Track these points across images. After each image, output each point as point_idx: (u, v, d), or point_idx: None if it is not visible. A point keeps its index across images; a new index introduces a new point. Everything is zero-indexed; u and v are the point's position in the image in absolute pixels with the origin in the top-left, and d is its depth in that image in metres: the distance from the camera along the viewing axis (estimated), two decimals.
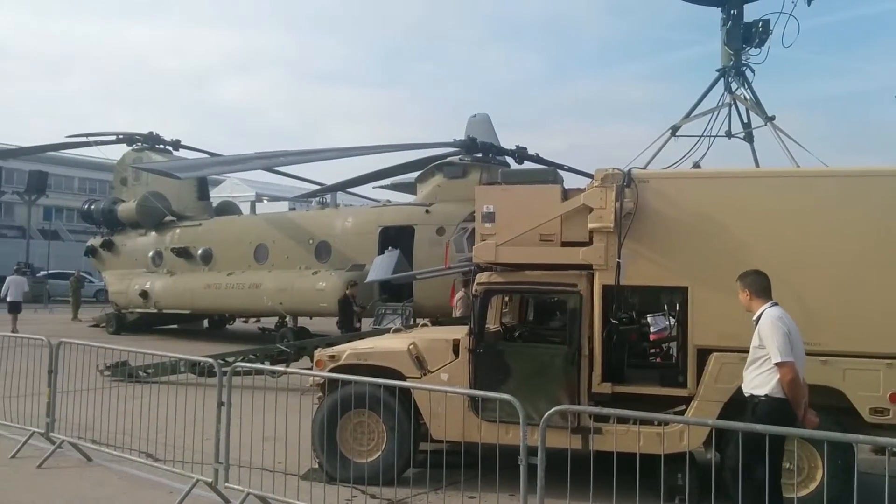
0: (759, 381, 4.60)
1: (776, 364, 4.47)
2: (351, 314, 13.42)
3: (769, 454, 4.17)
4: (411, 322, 12.28)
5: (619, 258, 5.81)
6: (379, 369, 6.25)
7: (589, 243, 5.99)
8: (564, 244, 6.13)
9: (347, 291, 13.67)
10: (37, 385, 7.48)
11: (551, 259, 6.11)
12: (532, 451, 4.40)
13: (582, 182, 14.10)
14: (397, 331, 8.50)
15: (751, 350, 4.71)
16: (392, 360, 6.36)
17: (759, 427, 4.19)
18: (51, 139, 40.33)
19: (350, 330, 12.85)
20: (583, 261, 5.96)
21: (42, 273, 36.58)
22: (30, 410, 7.45)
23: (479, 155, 16.83)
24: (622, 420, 5.34)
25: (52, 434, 6.95)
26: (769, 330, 4.53)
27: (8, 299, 19.48)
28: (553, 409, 4.59)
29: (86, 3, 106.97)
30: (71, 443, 6.86)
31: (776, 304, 4.70)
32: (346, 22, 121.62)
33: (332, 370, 6.33)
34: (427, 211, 15.78)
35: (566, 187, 6.58)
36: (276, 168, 21.42)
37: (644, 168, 10.16)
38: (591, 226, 5.94)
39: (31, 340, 7.85)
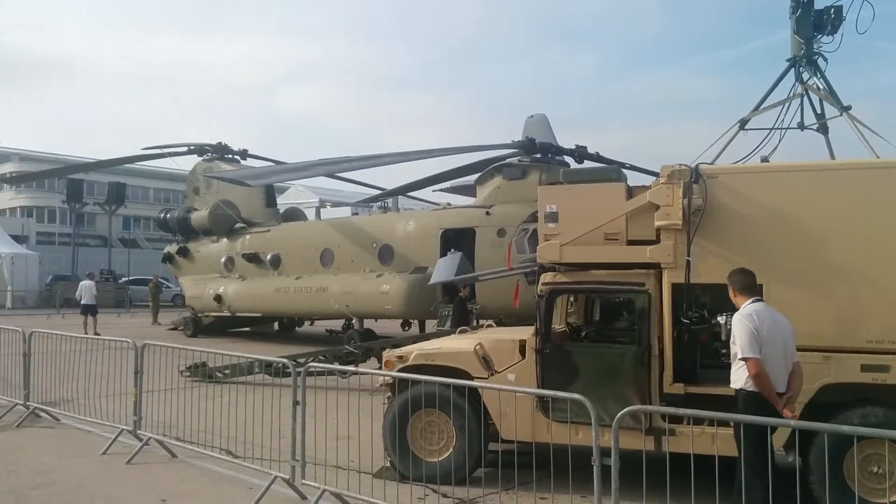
0: (736, 376, 4.87)
1: (741, 360, 4.72)
2: (467, 313, 13.61)
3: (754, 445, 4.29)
4: (475, 323, 12.33)
5: (688, 256, 5.69)
6: (446, 370, 6.32)
7: (656, 241, 5.89)
8: (630, 242, 6.04)
9: (461, 293, 13.92)
10: (123, 385, 7.92)
11: (617, 258, 6.04)
12: (604, 453, 4.35)
13: (644, 180, 13.86)
14: (463, 331, 8.56)
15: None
16: (459, 361, 6.42)
17: (847, 429, 4.05)
18: (126, 152, 42.63)
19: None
20: (650, 259, 5.86)
21: (123, 279, 38.65)
22: (118, 409, 7.90)
23: (538, 155, 16.77)
24: (697, 421, 5.22)
25: (139, 431, 7.34)
26: (736, 327, 4.82)
27: (82, 302, 20.72)
28: (625, 410, 4.55)
29: (153, 19, 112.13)
30: (157, 440, 7.23)
31: (758, 300, 4.90)
32: (402, 27, 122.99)
33: (400, 370, 6.45)
34: (487, 213, 15.82)
35: (630, 185, 6.49)
36: (339, 174, 21.90)
37: (712, 163, 9.88)
38: (658, 223, 5.83)
39: (118, 343, 8.33)
